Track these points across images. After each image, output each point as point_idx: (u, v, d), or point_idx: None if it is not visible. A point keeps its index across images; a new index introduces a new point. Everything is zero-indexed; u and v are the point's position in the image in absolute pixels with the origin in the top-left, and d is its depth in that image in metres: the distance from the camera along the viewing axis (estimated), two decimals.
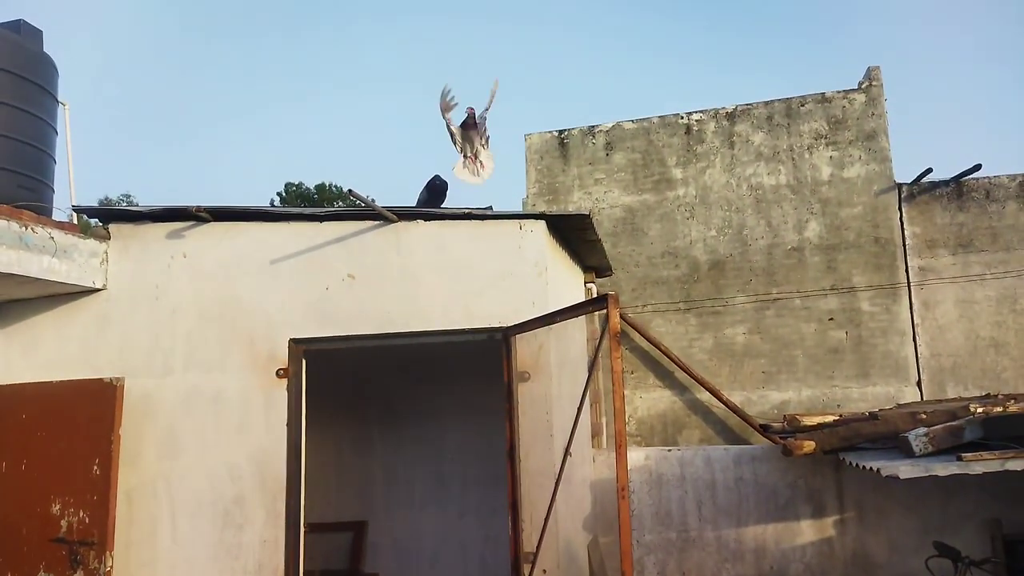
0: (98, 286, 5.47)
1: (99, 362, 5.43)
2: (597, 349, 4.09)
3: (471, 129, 5.49)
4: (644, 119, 8.92)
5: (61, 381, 5.32)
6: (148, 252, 5.54)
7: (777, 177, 8.29)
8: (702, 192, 8.48)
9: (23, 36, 6.22)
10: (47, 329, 5.57)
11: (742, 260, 8.19)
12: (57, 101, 6.58)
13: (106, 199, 26.07)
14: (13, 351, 5.63)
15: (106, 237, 5.56)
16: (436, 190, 5.82)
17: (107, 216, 5.68)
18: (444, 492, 7.53)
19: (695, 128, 8.68)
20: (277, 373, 5.19)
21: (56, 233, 5.17)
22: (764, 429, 6.36)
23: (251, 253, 5.43)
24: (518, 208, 9.21)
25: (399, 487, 7.68)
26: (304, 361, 5.29)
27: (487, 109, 5.54)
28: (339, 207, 6.24)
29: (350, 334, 5.22)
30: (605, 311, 3.84)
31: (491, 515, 7.10)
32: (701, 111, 8.72)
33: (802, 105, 8.40)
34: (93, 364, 5.43)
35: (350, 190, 5.07)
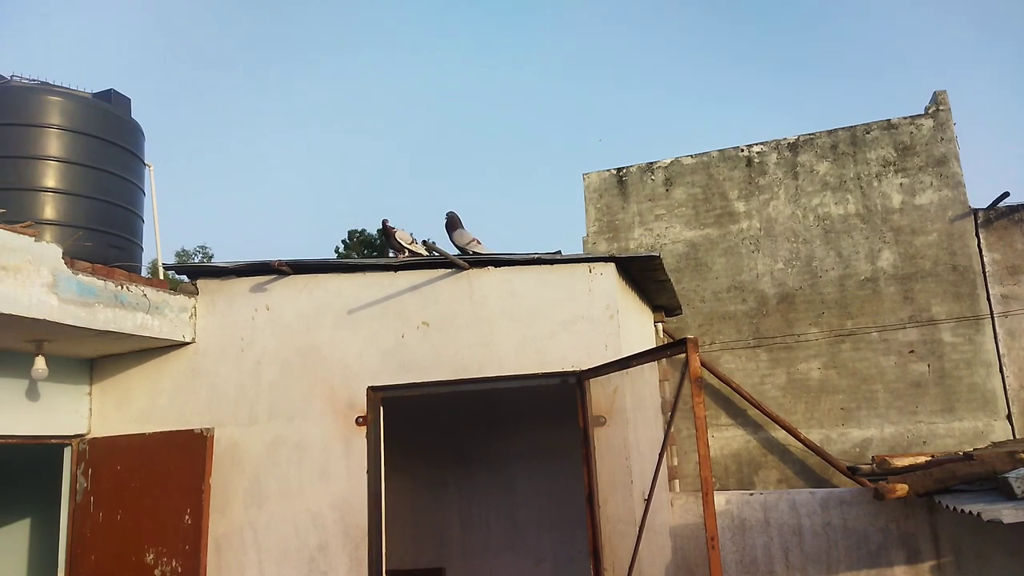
0: (187, 340, 5.75)
1: (189, 413, 5.67)
2: (677, 394, 4.08)
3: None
4: (703, 154, 8.94)
5: (153, 433, 5.57)
6: (233, 306, 5.81)
7: (845, 206, 8.17)
8: (767, 224, 8.41)
9: (113, 105, 6.70)
10: (139, 382, 5.87)
11: (812, 292, 8.05)
12: (144, 163, 7.04)
13: (183, 252, 27.30)
14: (108, 405, 5.94)
15: (194, 293, 5.86)
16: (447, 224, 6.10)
17: (194, 272, 5.99)
18: (519, 538, 7.51)
19: (756, 160, 8.65)
20: (356, 421, 5.33)
21: (149, 291, 5.49)
22: (852, 472, 6.18)
23: (329, 304, 5.63)
24: (578, 248, 9.29)
25: (475, 532, 7.70)
26: (382, 408, 5.42)
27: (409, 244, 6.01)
28: (406, 255, 6.43)
29: (425, 381, 5.32)
30: (684, 355, 3.85)
31: (569, 562, 7.05)
32: (762, 143, 8.70)
33: (867, 132, 8.29)
34: (183, 415, 5.68)
35: (424, 241, 5.24)
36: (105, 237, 6.28)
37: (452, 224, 6.08)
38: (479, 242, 5.57)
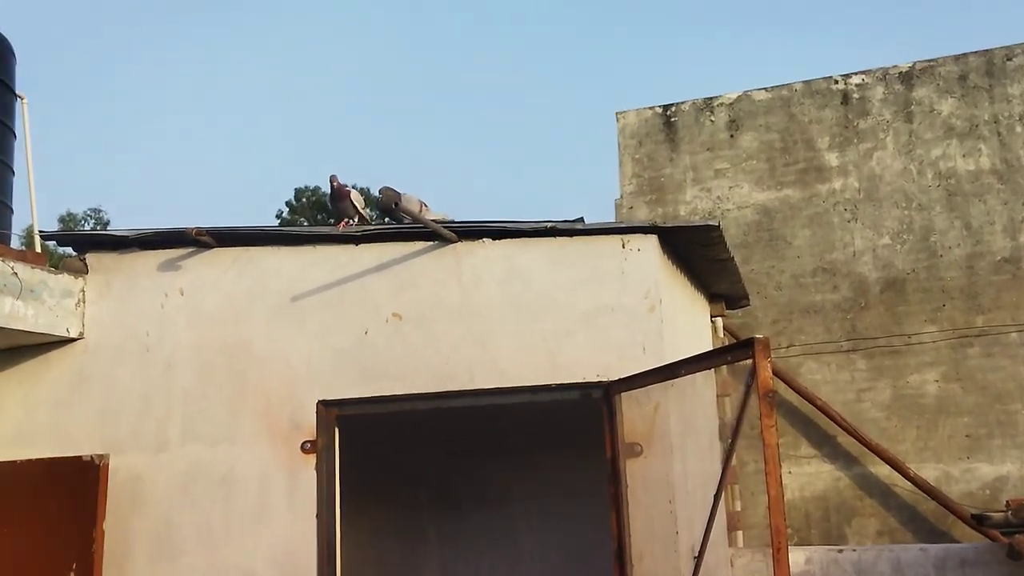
0: (73, 334, 5.75)
1: (75, 434, 5.67)
2: (740, 414, 4.07)
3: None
4: (782, 86, 8.89)
5: (27, 460, 5.56)
6: (136, 289, 5.80)
7: (977, 160, 8.11)
8: (868, 184, 8.35)
9: None
10: (8, 392, 5.87)
11: (930, 277, 8.01)
12: (15, 94, 7.01)
13: (69, 216, 27.36)
14: None
15: (82, 271, 5.85)
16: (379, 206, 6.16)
17: (83, 243, 5.98)
18: None
19: (855, 96, 8.59)
20: (303, 447, 5.33)
21: (20, 268, 5.48)
22: (978, 521, 6.17)
23: (266, 287, 5.62)
24: (609, 214, 9.27)
25: None
26: (337, 430, 5.41)
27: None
28: (375, 222, 6.42)
29: (396, 394, 5.31)
30: (750, 361, 3.82)
31: None
32: (863, 72, 8.63)
33: (1009, 59, 8.21)
34: (68, 437, 5.67)
35: (396, 203, 5.22)
36: None
37: (389, 200, 6.02)
38: (396, 202, 5.53)
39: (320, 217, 25.78)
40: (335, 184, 6.25)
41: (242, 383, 5.51)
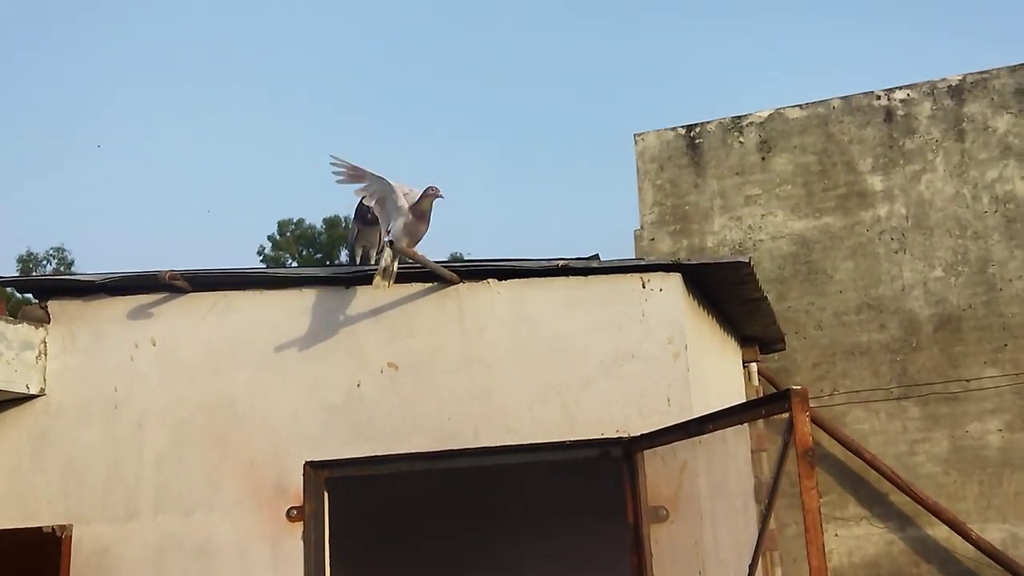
0: (33, 391, 5.78)
1: (35, 501, 5.68)
2: (777, 473, 4.06)
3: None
4: (818, 103, 8.97)
5: None
6: (103, 340, 5.83)
7: None
8: (916, 210, 8.40)
9: None
10: None
11: (989, 314, 8.02)
12: None
13: (29, 256, 27.55)
14: None
15: (44, 320, 5.91)
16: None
17: (45, 289, 6.03)
18: None
19: (900, 112, 8.66)
20: (289, 514, 5.34)
21: None
22: None
23: (247, 336, 5.66)
24: (628, 245, 9.32)
25: None
26: (327, 493, 5.42)
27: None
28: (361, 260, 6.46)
29: (393, 453, 5.33)
30: (787, 415, 3.84)
31: None
32: (908, 87, 8.70)
33: None
34: (26, 505, 5.68)
35: (390, 240, 5.27)
36: None
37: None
38: (390, 242, 5.31)
39: (306, 253, 25.94)
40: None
41: (221, 444, 5.53)
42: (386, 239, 5.45)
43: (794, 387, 3.82)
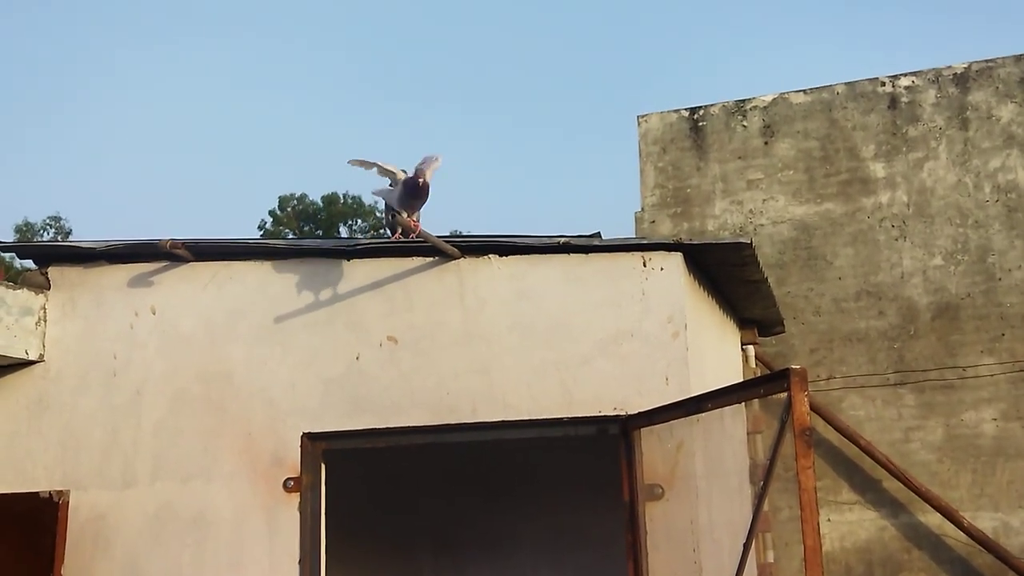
0: (32, 357, 5.77)
1: (32, 467, 5.69)
2: (774, 453, 4.06)
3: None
4: (822, 88, 8.94)
5: None
6: (103, 307, 5.83)
7: None
8: (918, 198, 8.38)
9: None
10: None
11: (987, 303, 8.02)
12: None
13: (26, 225, 27.52)
14: None
15: (44, 286, 5.90)
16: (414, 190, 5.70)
17: (45, 255, 6.02)
18: None
19: (904, 99, 8.63)
20: (285, 484, 5.35)
21: None
22: None
23: (247, 306, 5.65)
24: (630, 229, 9.31)
25: None
26: (324, 466, 5.43)
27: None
28: (363, 234, 6.46)
29: (391, 426, 5.33)
30: (785, 394, 3.83)
31: None
32: (912, 73, 8.67)
33: None
34: (24, 470, 5.69)
35: (393, 212, 5.26)
36: None
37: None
38: (393, 214, 5.37)
39: (307, 228, 25.92)
40: (422, 181, 5.67)
41: (219, 414, 5.53)
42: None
43: (793, 367, 3.82)
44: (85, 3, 56.04)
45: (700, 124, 9.25)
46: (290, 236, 26.55)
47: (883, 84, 8.72)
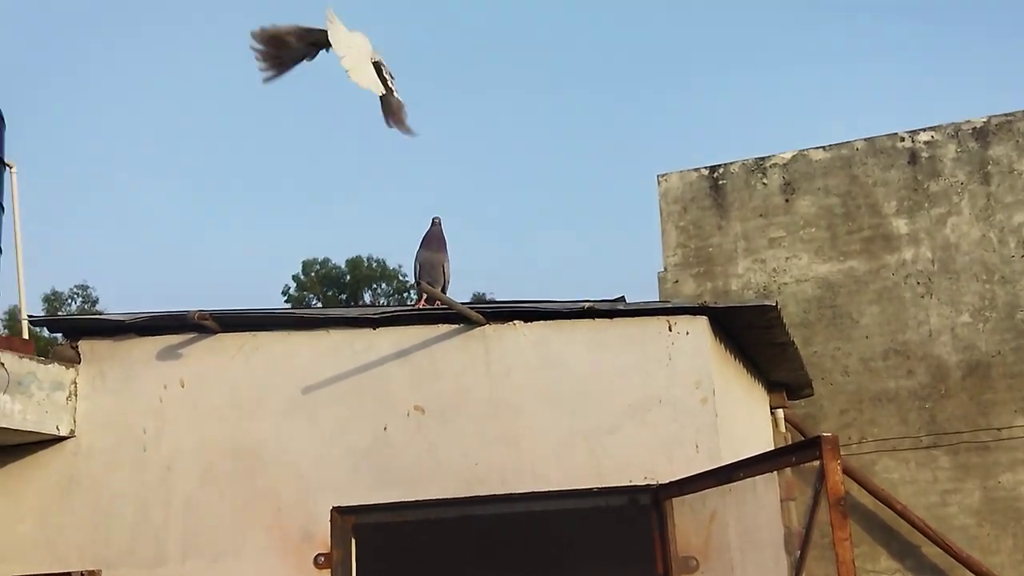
0: (63, 432, 5.77)
1: (64, 546, 5.64)
2: (809, 523, 4.00)
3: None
4: (842, 145, 8.96)
5: None
6: (133, 380, 5.84)
7: None
8: (942, 254, 8.34)
9: None
10: None
11: (1018, 360, 7.94)
12: (3, 163, 7.20)
13: (53, 295, 27.76)
14: None
15: (75, 360, 5.92)
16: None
17: (75, 329, 6.06)
18: None
19: (924, 155, 8.63)
20: (316, 560, 5.29)
21: (7, 357, 5.55)
22: None
23: (275, 378, 5.66)
24: (652, 289, 9.29)
25: None
26: (354, 540, 5.38)
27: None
28: (387, 298, 6.47)
29: (419, 499, 5.29)
30: (818, 463, 3.78)
31: None
32: (932, 128, 8.68)
33: None
34: (56, 549, 5.65)
35: (419, 281, 5.27)
36: None
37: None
38: (419, 283, 5.45)
39: (331, 293, 26.04)
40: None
41: (249, 489, 5.50)
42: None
43: (824, 434, 3.78)
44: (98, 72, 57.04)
45: (720, 182, 9.27)
46: (314, 301, 26.79)
47: (902, 139, 8.72)
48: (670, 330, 5.25)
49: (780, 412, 7.15)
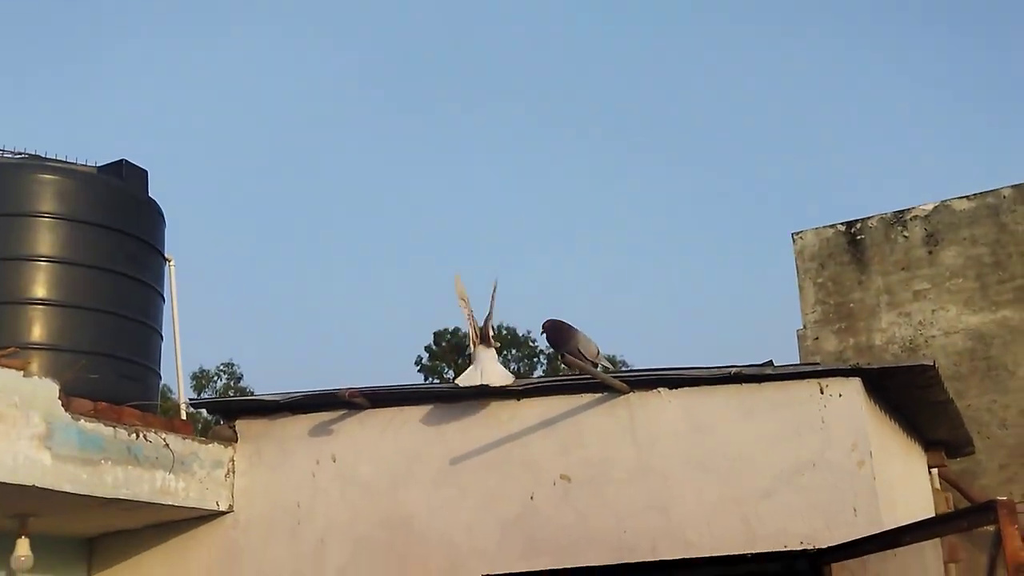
0: (223, 508, 5.98)
1: None
2: None
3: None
4: (987, 193, 8.68)
5: None
6: (286, 457, 6.02)
7: None
8: None
9: (126, 180, 7.32)
10: (157, 571, 6.12)
11: None
12: (164, 257, 7.58)
13: (201, 373, 28.92)
14: None
15: (232, 439, 6.14)
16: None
17: (231, 409, 6.30)
18: None
19: None
20: None
21: (172, 439, 5.79)
22: None
23: (423, 450, 5.75)
24: (792, 351, 9.11)
25: None
26: None
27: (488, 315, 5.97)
28: (517, 363, 6.51)
29: (568, 567, 5.26)
30: (994, 527, 3.62)
31: None
32: None
33: None
34: None
35: (563, 354, 5.30)
36: (113, 364, 6.72)
37: (559, 333, 6.08)
38: (562, 355, 5.51)
39: (461, 362, 26.31)
40: (556, 325, 6.12)
41: (401, 559, 5.57)
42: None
43: (1000, 499, 3.63)
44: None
45: (858, 237, 9.09)
46: (447, 370, 27.15)
47: None
48: (822, 393, 5.14)
49: (935, 471, 6.88)
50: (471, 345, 5.95)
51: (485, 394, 5.77)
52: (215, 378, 29.43)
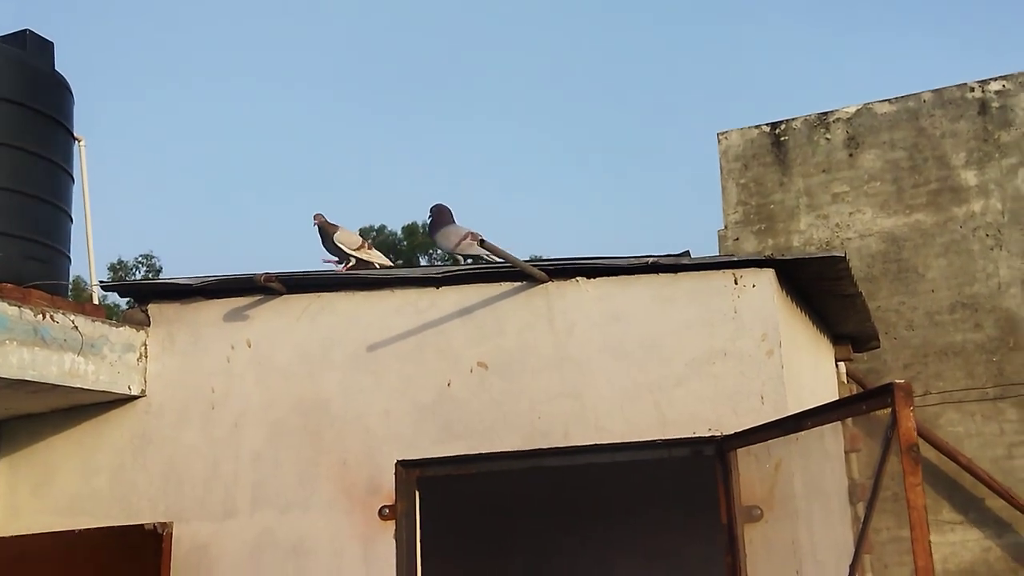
0: (135, 392, 5.92)
1: (137, 500, 5.81)
2: (879, 472, 3.96)
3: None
4: (908, 97, 8.76)
5: (86, 530, 5.71)
6: (201, 341, 5.95)
7: None
8: (1013, 205, 8.17)
9: (29, 52, 7.00)
10: (67, 455, 6.05)
11: None
12: (72, 136, 7.32)
13: (119, 264, 28.35)
14: (20, 487, 6.13)
15: (145, 323, 6.04)
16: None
17: (144, 293, 6.18)
18: None
19: (995, 104, 8.42)
20: (381, 512, 5.36)
21: (81, 321, 5.69)
22: None
23: (340, 337, 5.72)
24: (711, 247, 9.22)
25: None
26: (418, 493, 5.44)
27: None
28: (443, 262, 6.53)
29: (483, 452, 5.33)
30: (889, 410, 3.74)
31: None
32: (1003, 77, 8.46)
33: None
34: (129, 503, 5.81)
35: (481, 240, 5.28)
36: (19, 244, 6.53)
37: (439, 221, 6.42)
38: (481, 240, 5.51)
39: (390, 259, 26.39)
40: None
41: (316, 443, 5.59)
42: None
43: (897, 381, 3.74)
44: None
45: (782, 139, 9.14)
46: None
47: (972, 90, 8.51)
48: (736, 283, 5.20)
49: (843, 365, 7.08)
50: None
51: (404, 281, 5.75)
52: (133, 269, 28.85)
